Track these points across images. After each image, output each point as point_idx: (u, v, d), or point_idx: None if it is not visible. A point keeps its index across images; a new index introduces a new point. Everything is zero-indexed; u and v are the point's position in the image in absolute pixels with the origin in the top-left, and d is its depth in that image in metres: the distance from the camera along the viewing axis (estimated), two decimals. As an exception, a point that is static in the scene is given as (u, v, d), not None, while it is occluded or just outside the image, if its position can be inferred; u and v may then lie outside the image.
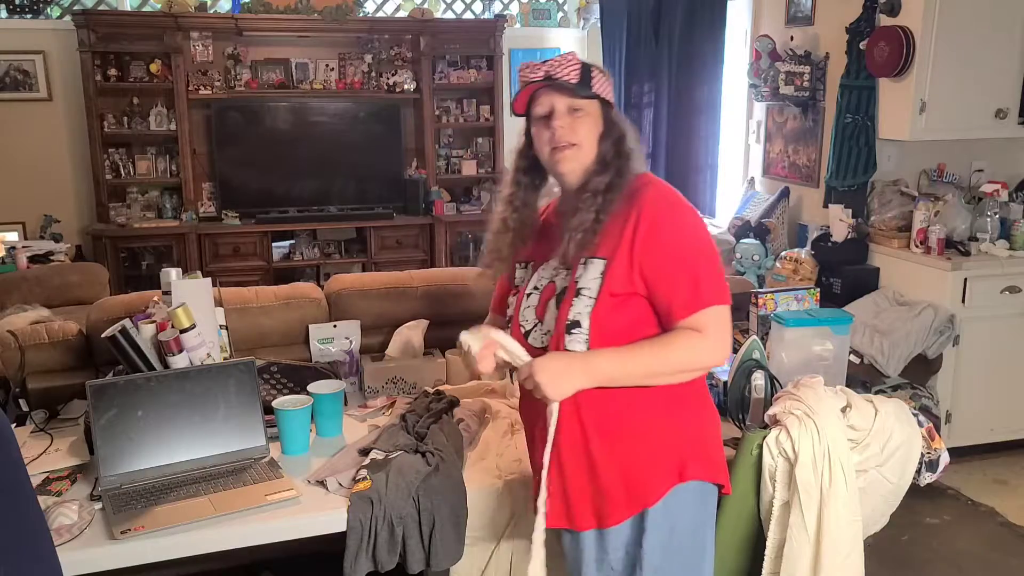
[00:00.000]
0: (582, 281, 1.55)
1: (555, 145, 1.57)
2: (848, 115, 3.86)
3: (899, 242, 3.74)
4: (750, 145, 4.88)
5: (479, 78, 5.79)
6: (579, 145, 1.57)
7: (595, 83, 1.58)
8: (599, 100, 1.59)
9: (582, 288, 1.55)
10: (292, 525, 1.75)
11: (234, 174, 5.43)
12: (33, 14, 5.31)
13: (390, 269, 3.84)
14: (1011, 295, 3.54)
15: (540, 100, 1.59)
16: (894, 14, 3.59)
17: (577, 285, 1.56)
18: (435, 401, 2.21)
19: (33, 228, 5.20)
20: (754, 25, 4.70)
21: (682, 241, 1.53)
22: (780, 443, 1.85)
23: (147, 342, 2.03)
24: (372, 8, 5.88)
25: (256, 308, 2.56)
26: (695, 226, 1.56)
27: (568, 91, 1.56)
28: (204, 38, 5.31)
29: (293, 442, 2.01)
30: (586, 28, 6.12)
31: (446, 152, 5.93)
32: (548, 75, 1.56)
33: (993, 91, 3.61)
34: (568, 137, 1.56)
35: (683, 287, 1.51)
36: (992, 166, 3.97)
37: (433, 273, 2.91)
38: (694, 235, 1.55)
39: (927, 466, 1.98)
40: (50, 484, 1.86)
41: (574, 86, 1.55)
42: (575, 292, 1.55)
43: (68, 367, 2.41)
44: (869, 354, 3.40)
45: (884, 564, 2.80)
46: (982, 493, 3.41)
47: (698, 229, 1.56)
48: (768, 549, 1.87)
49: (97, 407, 1.83)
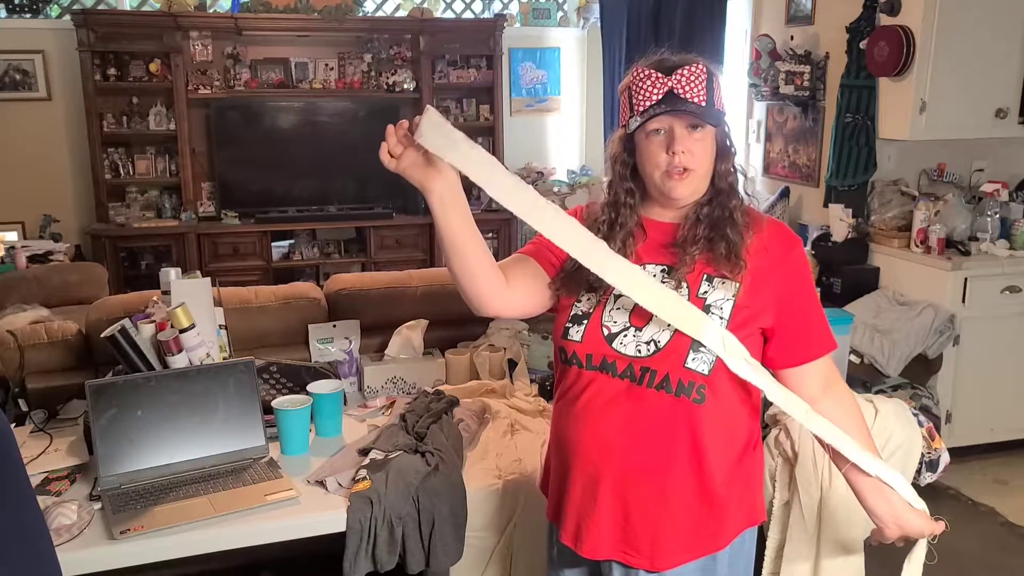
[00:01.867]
0: (711, 298, 1.41)
1: (671, 171, 1.41)
2: (848, 115, 3.86)
3: (899, 242, 3.73)
4: (750, 145, 4.88)
5: (479, 78, 5.78)
6: (696, 170, 1.42)
7: (718, 100, 1.42)
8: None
9: (711, 305, 1.40)
10: (292, 525, 1.74)
11: (233, 174, 5.43)
12: (32, 13, 5.31)
13: (390, 269, 3.84)
14: (1011, 295, 3.54)
15: (658, 115, 1.40)
16: (894, 14, 3.59)
17: (706, 302, 1.41)
18: (435, 401, 2.21)
19: (32, 228, 5.20)
20: (754, 25, 4.70)
21: (805, 277, 1.49)
22: (780, 443, 1.85)
23: (146, 342, 2.03)
24: (372, 7, 5.88)
25: (255, 308, 2.56)
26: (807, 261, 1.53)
27: (692, 113, 1.39)
28: (203, 38, 5.31)
29: (293, 442, 2.00)
30: (586, 27, 6.12)
31: (446, 152, 5.91)
32: (672, 91, 1.38)
33: (993, 91, 3.61)
34: (687, 163, 1.40)
35: (823, 327, 1.48)
36: (992, 166, 3.96)
37: (433, 273, 2.91)
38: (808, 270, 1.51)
39: (927, 466, 1.98)
40: (49, 484, 1.86)
41: (703, 110, 1.39)
42: (703, 309, 1.40)
43: (67, 367, 2.41)
44: (869, 354, 3.40)
45: (884, 564, 2.79)
46: (982, 493, 3.40)
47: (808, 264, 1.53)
48: (768, 549, 1.87)
49: (96, 407, 1.83)
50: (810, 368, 1.47)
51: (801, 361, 1.46)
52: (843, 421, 1.47)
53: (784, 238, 1.47)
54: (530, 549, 1.93)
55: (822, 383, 1.48)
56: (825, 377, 1.49)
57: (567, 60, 6.17)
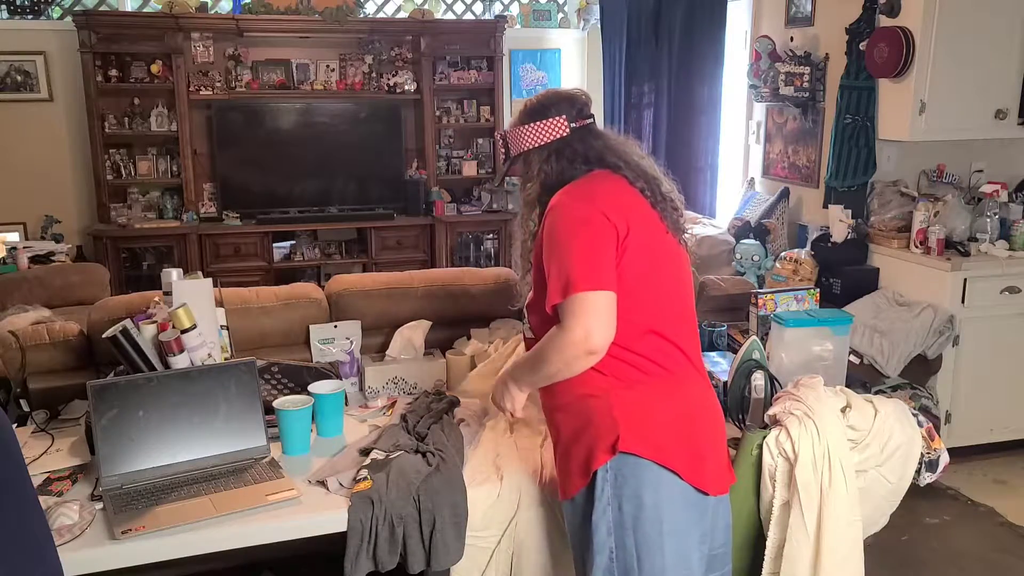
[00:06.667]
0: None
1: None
2: (848, 116, 3.87)
3: (899, 242, 3.74)
4: (750, 146, 4.88)
5: (479, 79, 5.79)
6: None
7: (514, 146, 1.88)
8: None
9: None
10: (293, 525, 1.75)
11: (235, 175, 5.44)
12: (34, 15, 5.32)
13: (391, 269, 3.84)
14: (1011, 295, 3.54)
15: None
16: (894, 15, 3.59)
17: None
18: (435, 401, 2.21)
19: (34, 228, 5.21)
20: (754, 26, 4.71)
21: (550, 236, 1.68)
22: (780, 443, 1.85)
23: (148, 342, 2.03)
24: (373, 9, 5.89)
25: (257, 308, 2.56)
26: (570, 219, 1.68)
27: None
28: (205, 39, 5.32)
29: (294, 442, 2.01)
30: (586, 29, 6.13)
31: (446, 153, 5.93)
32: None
33: (993, 92, 3.61)
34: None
35: (551, 279, 1.65)
36: (992, 166, 3.97)
37: (434, 274, 2.91)
38: (562, 228, 1.67)
39: (927, 466, 1.98)
40: (51, 484, 1.86)
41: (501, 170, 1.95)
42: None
43: (69, 367, 2.41)
44: (869, 354, 3.40)
45: (884, 564, 2.80)
46: (982, 493, 3.41)
47: (566, 222, 1.68)
48: (768, 549, 1.87)
49: (98, 407, 1.84)
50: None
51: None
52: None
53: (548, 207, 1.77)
54: (531, 549, 1.93)
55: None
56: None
57: (567, 62, 6.18)
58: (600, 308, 1.60)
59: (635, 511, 1.64)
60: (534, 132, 1.84)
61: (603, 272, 1.62)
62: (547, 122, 1.83)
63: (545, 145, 1.83)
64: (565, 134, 1.82)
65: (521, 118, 1.87)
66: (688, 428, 1.69)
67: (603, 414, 1.67)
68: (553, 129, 1.83)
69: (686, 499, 1.67)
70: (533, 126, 1.84)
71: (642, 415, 1.66)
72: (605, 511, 1.65)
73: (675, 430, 1.68)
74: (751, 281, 3.84)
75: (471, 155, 5.94)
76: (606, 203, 1.69)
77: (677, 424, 1.68)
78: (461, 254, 5.71)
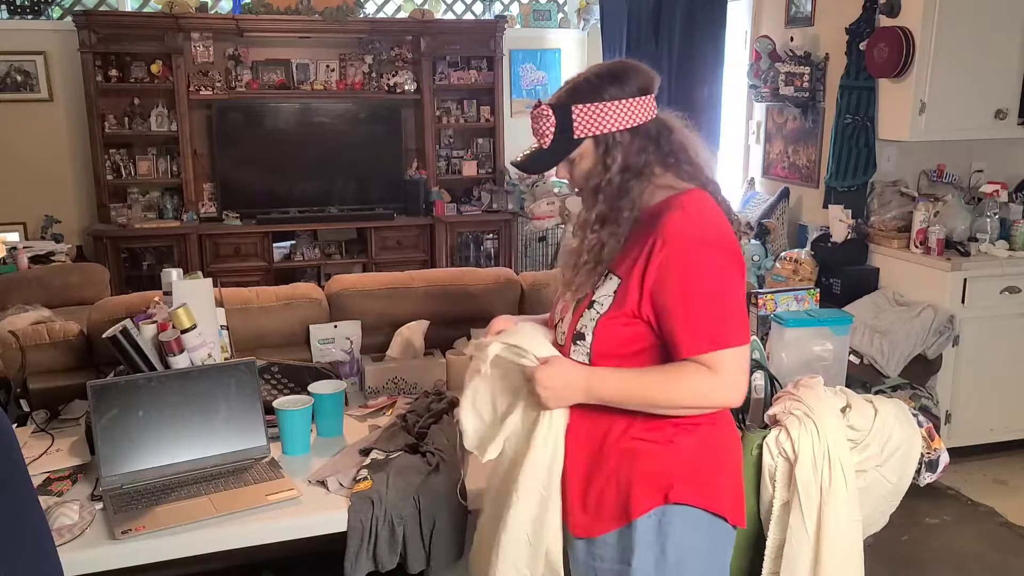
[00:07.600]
0: (597, 293, 1.54)
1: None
2: (848, 116, 3.87)
3: (899, 242, 3.74)
4: (750, 146, 4.88)
5: (479, 79, 5.79)
6: (580, 188, 1.62)
7: (579, 129, 1.52)
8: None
9: (595, 300, 1.54)
10: (293, 525, 1.75)
11: (235, 175, 5.44)
12: (34, 15, 5.32)
13: (391, 269, 3.84)
14: (1011, 295, 3.54)
15: None
16: (894, 15, 3.59)
17: (592, 296, 1.54)
18: (435, 401, 2.21)
19: (34, 228, 5.21)
20: (754, 26, 4.71)
21: (699, 280, 1.46)
22: (780, 443, 1.85)
23: (148, 342, 2.03)
24: (373, 9, 5.89)
25: (257, 308, 2.57)
26: (717, 265, 1.47)
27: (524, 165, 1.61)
28: (205, 39, 5.31)
29: (294, 442, 2.01)
30: (586, 29, 6.13)
31: (446, 153, 5.93)
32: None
33: (993, 91, 3.61)
34: (571, 185, 1.63)
35: (696, 326, 1.46)
36: (992, 166, 3.97)
37: (434, 274, 2.92)
38: (714, 275, 1.46)
39: (927, 466, 1.98)
40: (51, 484, 1.86)
41: (542, 154, 1.57)
42: (588, 303, 1.55)
43: (69, 367, 2.41)
44: (869, 354, 3.40)
45: (884, 564, 2.80)
46: (982, 493, 3.41)
47: (720, 268, 1.47)
48: (768, 549, 1.87)
49: (98, 407, 1.84)
50: (698, 362, 1.48)
51: (676, 356, 1.49)
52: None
53: (666, 233, 1.47)
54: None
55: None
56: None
57: (568, 61, 6.17)
58: (747, 364, 1.52)
59: (679, 555, 1.53)
60: (626, 110, 1.50)
61: (748, 325, 1.53)
62: (640, 100, 1.51)
63: (638, 127, 1.52)
64: (653, 117, 1.55)
65: (599, 91, 1.50)
66: (735, 472, 1.65)
67: (655, 458, 1.53)
68: (645, 108, 1.53)
69: (728, 539, 1.64)
70: (627, 103, 1.50)
71: (697, 463, 1.56)
72: (645, 554, 1.52)
73: (726, 477, 1.62)
74: (751, 281, 3.84)
75: (471, 155, 5.94)
76: (735, 242, 1.53)
77: (727, 470, 1.62)
78: (461, 254, 5.71)
